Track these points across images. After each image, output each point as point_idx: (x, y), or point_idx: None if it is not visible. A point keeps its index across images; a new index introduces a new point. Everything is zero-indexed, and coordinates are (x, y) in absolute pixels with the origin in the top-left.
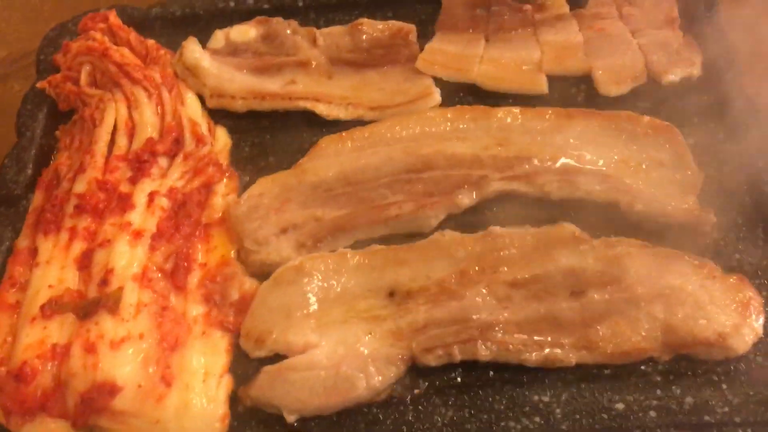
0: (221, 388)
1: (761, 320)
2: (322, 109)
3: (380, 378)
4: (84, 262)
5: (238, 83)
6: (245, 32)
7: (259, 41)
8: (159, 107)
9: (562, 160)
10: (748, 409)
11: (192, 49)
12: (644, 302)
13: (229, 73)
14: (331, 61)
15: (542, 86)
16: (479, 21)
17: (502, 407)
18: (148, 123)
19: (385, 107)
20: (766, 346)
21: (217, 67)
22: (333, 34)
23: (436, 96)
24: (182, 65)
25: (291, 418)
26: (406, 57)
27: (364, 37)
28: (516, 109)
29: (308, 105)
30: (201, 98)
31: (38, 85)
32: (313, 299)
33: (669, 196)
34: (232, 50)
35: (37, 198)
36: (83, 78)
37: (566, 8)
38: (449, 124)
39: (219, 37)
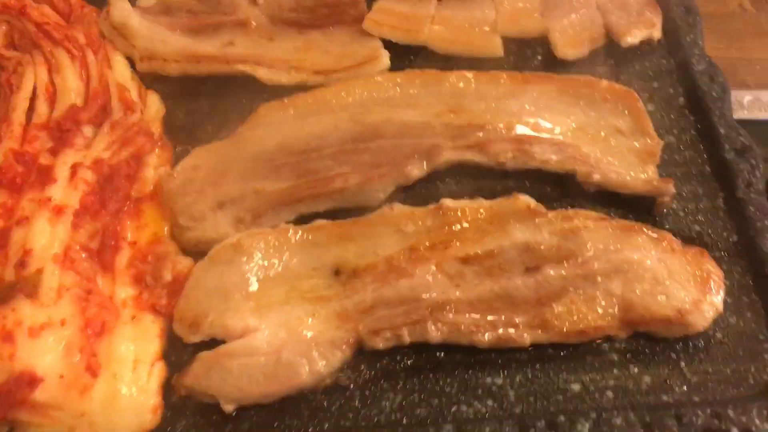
0: (153, 376)
1: (721, 295)
2: (262, 74)
3: (324, 363)
4: (0, 242)
5: (171, 45)
6: None
7: None
8: (83, 71)
9: (518, 128)
10: (707, 387)
11: (120, 6)
12: (601, 278)
13: (162, 33)
14: (272, 21)
15: (497, 49)
16: None
17: (454, 390)
18: (71, 88)
19: (330, 71)
20: (726, 322)
21: (147, 27)
22: None
23: (385, 59)
24: (109, 25)
25: (229, 408)
26: (353, 17)
27: None
28: (469, 74)
29: (248, 69)
30: (131, 61)
31: None
32: (252, 279)
33: (628, 165)
34: (165, 8)
35: None
36: None
37: None
38: (399, 89)
39: None
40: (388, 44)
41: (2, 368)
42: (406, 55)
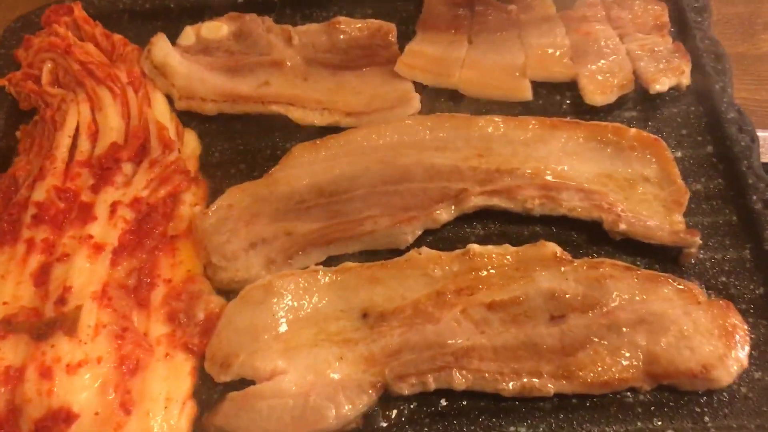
0: (184, 415)
1: (746, 350)
2: (296, 114)
3: (350, 407)
4: (41, 278)
5: (209, 84)
6: (217, 29)
7: (231, 39)
8: (124, 109)
9: (545, 174)
10: None
11: (161, 46)
12: (626, 328)
13: (200, 72)
14: (307, 62)
15: (526, 93)
16: (462, 21)
17: None
18: (113, 126)
19: (361, 113)
20: (751, 377)
21: (186, 66)
22: (309, 33)
23: (415, 102)
24: (150, 63)
25: None
26: (386, 58)
27: (341, 36)
28: (498, 118)
29: (281, 109)
30: (170, 99)
31: None
32: (282, 320)
33: (654, 213)
34: (203, 48)
35: None
36: (44, 76)
37: (553, 9)
38: (428, 132)
39: (189, 34)
40: (418, 86)
41: (40, 404)
42: (436, 97)
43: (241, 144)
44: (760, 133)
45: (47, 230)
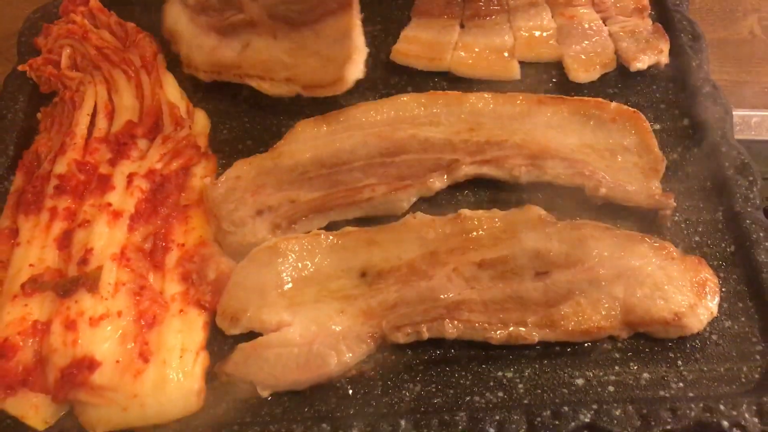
0: (198, 364)
1: (716, 300)
2: (265, 87)
3: (351, 355)
4: (64, 242)
5: (204, 50)
6: None
7: None
8: (138, 90)
9: (531, 145)
10: (702, 384)
11: (171, 11)
12: (605, 282)
13: (198, 37)
14: (272, 17)
15: (514, 73)
16: (454, 7)
17: (468, 382)
18: (128, 106)
19: (316, 86)
20: (721, 325)
21: (191, 30)
22: None
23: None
24: (166, 31)
25: (264, 393)
26: (338, 4)
27: None
28: (488, 95)
29: (254, 84)
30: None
31: (19, 67)
32: (287, 279)
33: (633, 181)
34: (201, 6)
35: (18, 179)
36: (63, 61)
37: None
38: (423, 109)
39: None
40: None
41: (65, 353)
42: (429, 77)
43: (248, 122)
44: (741, 113)
45: (69, 200)
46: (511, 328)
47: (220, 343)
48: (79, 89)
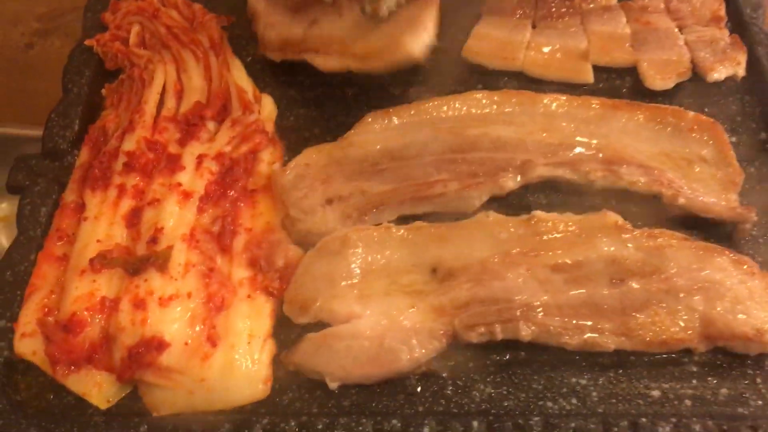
0: (265, 351)
1: None
2: (319, 62)
3: (423, 351)
4: (132, 220)
5: (276, 28)
6: None
7: None
8: (207, 72)
9: (607, 150)
10: None
11: None
12: (684, 294)
13: (273, 15)
14: None
15: (588, 76)
16: (526, 7)
17: (540, 387)
18: (197, 87)
19: (367, 57)
20: None
21: (267, 8)
22: None
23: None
24: (250, 11)
25: (333, 385)
26: None
27: None
28: (562, 97)
29: (308, 57)
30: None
31: (86, 42)
32: (357, 270)
33: (710, 192)
34: None
35: (84, 154)
36: (132, 38)
37: (614, 0)
38: (495, 107)
39: None
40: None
41: (134, 332)
42: (500, 76)
43: (315, 111)
44: None
45: (137, 177)
46: (587, 335)
47: (287, 331)
48: (147, 67)
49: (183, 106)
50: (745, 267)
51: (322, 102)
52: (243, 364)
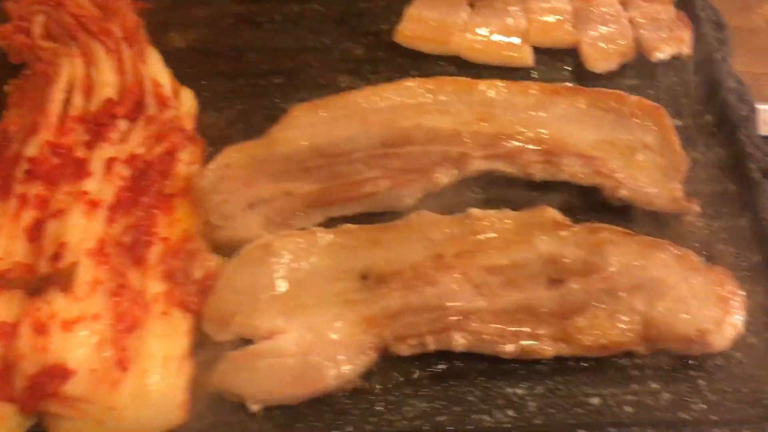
0: (181, 373)
1: (742, 316)
2: None
3: (350, 367)
4: (35, 233)
5: None
6: None
7: None
8: (119, 65)
9: (546, 140)
10: (724, 407)
11: None
12: (624, 293)
13: None
14: None
15: (528, 59)
16: None
17: (476, 399)
18: (107, 82)
19: None
20: (745, 342)
21: None
22: None
23: None
24: None
25: (255, 408)
26: None
27: None
28: (500, 83)
29: None
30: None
31: None
32: (281, 280)
33: (654, 181)
34: None
35: None
36: (36, 29)
37: None
38: (430, 95)
39: None
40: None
41: (35, 360)
42: (436, 61)
43: (239, 104)
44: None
45: (41, 186)
46: (524, 342)
47: (207, 349)
48: (53, 61)
49: (92, 104)
50: (688, 262)
51: (246, 94)
52: (156, 388)
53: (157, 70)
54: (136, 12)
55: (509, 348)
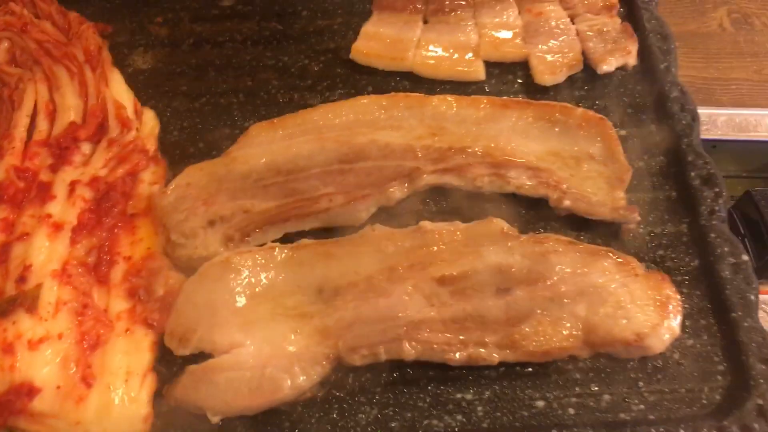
0: (144, 387)
1: (679, 319)
2: None
3: (305, 378)
4: (1, 257)
5: None
6: None
7: None
8: (82, 88)
9: (495, 153)
10: (662, 406)
11: None
12: (567, 300)
13: None
14: None
15: (479, 74)
16: (417, 1)
17: (426, 405)
18: (71, 105)
19: None
20: (684, 344)
21: None
22: None
23: None
24: None
25: (215, 419)
26: None
27: None
28: (451, 98)
29: None
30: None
31: None
32: (239, 296)
33: (598, 190)
34: None
35: None
36: (1, 55)
37: None
38: (384, 111)
39: None
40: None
41: (3, 379)
42: (392, 77)
43: (200, 123)
44: (706, 111)
45: (6, 209)
46: (471, 349)
47: (169, 364)
48: (18, 86)
49: (56, 127)
50: (628, 268)
51: (207, 113)
52: (120, 403)
53: (119, 91)
54: (99, 35)
55: (458, 356)
